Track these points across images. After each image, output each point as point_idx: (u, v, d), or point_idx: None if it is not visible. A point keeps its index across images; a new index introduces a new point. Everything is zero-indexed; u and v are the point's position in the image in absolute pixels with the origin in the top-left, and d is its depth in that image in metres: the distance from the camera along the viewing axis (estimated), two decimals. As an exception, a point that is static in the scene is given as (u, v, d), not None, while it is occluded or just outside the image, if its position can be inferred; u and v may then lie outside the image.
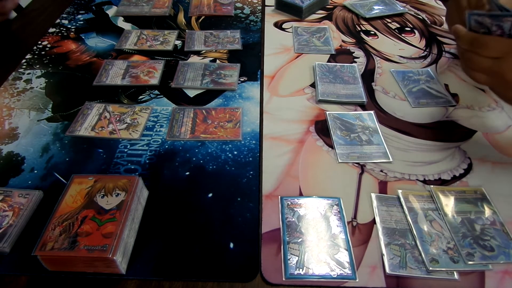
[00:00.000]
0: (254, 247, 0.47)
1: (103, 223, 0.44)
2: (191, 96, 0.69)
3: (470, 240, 0.46)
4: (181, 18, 0.93)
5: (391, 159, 0.57)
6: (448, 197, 0.51)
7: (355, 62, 0.77)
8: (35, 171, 0.55)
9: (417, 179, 0.54)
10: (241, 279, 0.44)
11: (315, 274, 0.44)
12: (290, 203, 0.51)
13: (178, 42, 0.83)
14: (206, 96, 0.69)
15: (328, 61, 0.77)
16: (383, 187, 0.53)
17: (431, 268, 0.44)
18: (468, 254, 0.45)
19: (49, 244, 0.42)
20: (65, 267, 0.44)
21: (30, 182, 0.54)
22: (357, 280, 0.43)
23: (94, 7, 0.97)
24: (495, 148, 0.59)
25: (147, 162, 0.57)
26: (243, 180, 0.54)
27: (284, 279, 0.43)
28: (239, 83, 0.72)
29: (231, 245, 0.47)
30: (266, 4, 0.97)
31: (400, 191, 0.52)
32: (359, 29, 0.87)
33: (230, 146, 0.59)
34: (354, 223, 0.49)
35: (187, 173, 0.55)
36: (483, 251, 0.45)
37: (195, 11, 0.94)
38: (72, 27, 0.88)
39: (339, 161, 0.57)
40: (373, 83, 0.72)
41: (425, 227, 0.48)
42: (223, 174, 0.55)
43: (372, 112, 0.65)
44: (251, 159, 0.57)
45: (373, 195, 0.52)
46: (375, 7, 0.93)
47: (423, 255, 0.45)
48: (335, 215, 0.49)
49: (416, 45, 0.82)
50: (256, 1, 0.99)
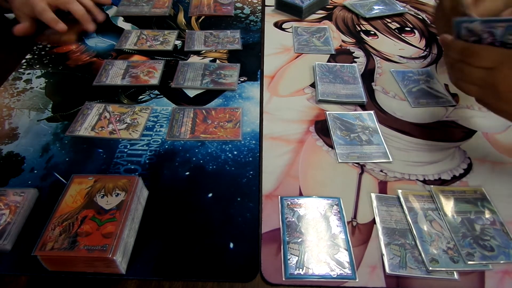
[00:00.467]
0: (254, 247, 0.47)
1: (103, 223, 0.44)
2: (191, 96, 0.69)
3: (470, 240, 0.46)
4: (181, 18, 0.93)
5: (391, 159, 0.57)
6: (448, 197, 0.51)
7: (355, 62, 0.77)
8: (35, 171, 0.55)
9: (417, 179, 0.54)
10: (241, 279, 0.44)
11: (315, 274, 0.44)
12: (290, 203, 0.51)
13: (178, 42, 0.83)
14: (206, 96, 0.69)
15: (328, 61, 0.77)
16: (383, 187, 0.53)
17: (431, 268, 0.44)
18: (468, 254, 0.45)
19: (49, 244, 0.42)
20: (65, 267, 0.44)
21: (30, 182, 0.54)
22: (357, 280, 0.43)
23: (94, 7, 0.97)
24: (495, 148, 0.59)
25: (147, 162, 0.57)
26: (243, 180, 0.54)
27: (284, 279, 0.43)
28: (239, 83, 0.72)
29: (231, 245, 0.47)
30: (266, 4, 0.97)
31: (400, 191, 0.52)
32: (359, 29, 0.87)
33: (230, 146, 0.59)
34: (354, 223, 0.49)
35: (187, 173, 0.55)
36: (483, 251, 0.45)
37: (195, 11, 0.94)
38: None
39: (339, 161, 0.57)
40: (373, 83, 0.72)
41: (425, 227, 0.48)
42: (223, 174, 0.55)
43: (372, 112, 0.65)
44: (251, 159, 0.57)
45: (373, 195, 0.52)
46: (375, 7, 0.93)
47: (423, 255, 0.45)
48: (335, 215, 0.49)
49: (416, 45, 0.82)
50: (256, 1, 0.99)
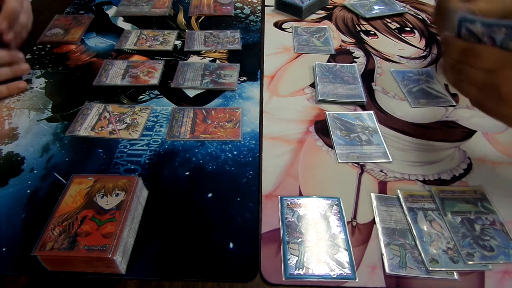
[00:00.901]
0: (253, 247, 0.47)
1: (103, 223, 0.44)
2: (191, 96, 0.69)
3: (470, 240, 0.46)
4: (181, 18, 0.93)
5: (391, 159, 0.57)
6: (448, 197, 0.51)
7: (355, 62, 0.77)
8: (35, 171, 0.55)
9: (417, 179, 0.54)
10: (240, 279, 0.44)
11: (315, 274, 0.44)
12: (289, 203, 0.51)
13: (178, 42, 0.83)
14: (206, 96, 0.69)
15: (328, 61, 0.77)
16: (383, 187, 0.53)
17: (431, 268, 0.44)
18: (468, 254, 0.45)
19: (48, 244, 0.42)
20: (65, 267, 0.44)
21: (30, 182, 0.54)
22: (356, 280, 0.43)
23: (94, 7, 0.97)
24: (495, 148, 0.59)
25: (147, 162, 0.57)
26: (243, 180, 0.54)
27: (283, 279, 0.43)
28: (239, 83, 0.72)
29: (231, 245, 0.47)
30: (266, 4, 0.97)
31: (400, 191, 0.52)
32: (359, 29, 0.87)
33: (230, 146, 0.59)
34: (354, 223, 0.49)
35: (187, 173, 0.55)
36: (483, 251, 0.45)
37: (195, 11, 0.94)
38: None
39: (339, 161, 0.57)
40: (373, 83, 0.72)
41: (425, 227, 0.48)
42: (223, 174, 0.55)
43: (372, 112, 0.65)
44: (251, 159, 0.57)
45: (372, 195, 0.52)
46: (375, 7, 0.93)
47: (423, 255, 0.45)
48: (334, 215, 0.49)
49: (416, 45, 0.82)
50: (256, 1, 0.99)
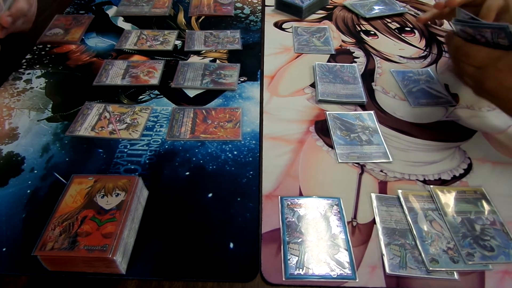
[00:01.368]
0: (254, 247, 0.47)
1: (103, 223, 0.44)
2: (191, 96, 0.69)
3: (470, 240, 0.46)
4: (181, 18, 0.93)
5: (391, 159, 0.57)
6: (448, 197, 0.51)
7: (355, 62, 0.77)
8: (35, 171, 0.55)
9: (417, 179, 0.54)
10: (241, 279, 0.44)
11: (315, 274, 0.44)
12: (290, 203, 0.51)
13: (178, 42, 0.83)
14: (206, 96, 0.69)
15: (328, 61, 0.77)
16: (383, 187, 0.53)
17: (431, 268, 0.44)
18: (468, 254, 0.45)
19: (49, 244, 0.42)
20: (65, 267, 0.44)
21: (30, 182, 0.54)
22: (357, 280, 0.43)
23: (94, 7, 0.97)
24: (495, 148, 0.59)
25: (147, 162, 0.57)
26: (243, 180, 0.54)
27: (284, 279, 0.43)
28: (239, 83, 0.72)
29: (231, 245, 0.47)
30: (266, 4, 0.97)
31: (400, 191, 0.52)
32: (359, 29, 0.87)
33: (230, 146, 0.59)
34: (354, 223, 0.49)
35: (187, 173, 0.55)
36: (483, 251, 0.45)
37: (195, 11, 0.94)
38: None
39: (339, 161, 0.57)
40: (373, 83, 0.72)
41: (425, 227, 0.48)
42: (223, 174, 0.55)
43: (372, 112, 0.65)
44: (251, 159, 0.57)
45: (373, 195, 0.52)
46: (375, 7, 0.93)
47: (423, 255, 0.45)
48: (335, 215, 0.49)
49: (416, 45, 0.82)
50: (256, 1, 0.99)
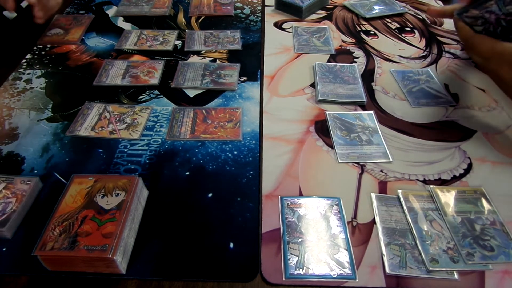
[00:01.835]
0: (254, 247, 0.47)
1: (103, 223, 0.44)
2: (191, 96, 0.69)
3: (470, 240, 0.46)
4: (181, 18, 0.93)
5: (391, 159, 0.57)
6: (448, 197, 0.51)
7: (355, 62, 0.77)
8: (35, 171, 0.55)
9: (417, 179, 0.54)
10: (241, 279, 0.44)
11: (315, 274, 0.44)
12: (290, 203, 0.51)
13: (178, 42, 0.83)
14: (206, 96, 0.69)
15: (328, 61, 0.77)
16: (383, 187, 0.53)
17: (431, 268, 0.44)
18: (468, 254, 0.45)
19: (49, 244, 0.42)
20: (65, 267, 0.44)
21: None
22: (357, 280, 0.43)
23: (94, 7, 0.97)
24: (495, 148, 0.59)
25: (147, 162, 0.57)
26: (243, 180, 0.54)
27: (284, 279, 0.43)
28: (239, 83, 0.72)
29: (231, 245, 0.47)
30: (266, 4, 0.97)
31: (400, 191, 0.52)
32: (359, 29, 0.87)
33: (230, 146, 0.59)
34: (354, 223, 0.49)
35: (187, 173, 0.55)
36: (483, 251, 0.45)
37: (195, 11, 0.94)
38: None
39: (339, 161, 0.57)
40: (373, 83, 0.72)
41: (425, 227, 0.48)
42: (223, 174, 0.55)
43: (372, 112, 0.65)
44: (251, 159, 0.57)
45: (373, 195, 0.52)
46: (375, 7, 0.93)
47: (423, 255, 0.45)
48: (335, 215, 0.49)
49: (416, 45, 0.82)
50: (256, 1, 0.99)
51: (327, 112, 0.65)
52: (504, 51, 0.52)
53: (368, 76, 0.73)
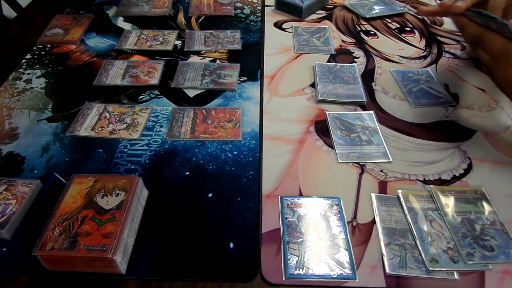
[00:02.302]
0: (254, 247, 0.47)
1: (103, 223, 0.44)
2: (191, 96, 0.69)
3: (470, 240, 0.46)
4: (181, 18, 0.93)
5: (391, 159, 0.57)
6: (448, 197, 0.51)
7: (355, 62, 0.77)
8: (35, 171, 0.55)
9: (417, 179, 0.54)
10: (241, 279, 0.44)
11: (315, 274, 0.44)
12: (290, 203, 0.51)
13: (178, 42, 0.83)
14: (206, 96, 0.69)
15: (328, 61, 0.77)
16: (383, 187, 0.53)
17: (431, 268, 0.44)
18: (468, 254, 0.45)
19: (49, 244, 0.42)
20: (65, 267, 0.44)
21: (30, 182, 0.54)
22: (357, 280, 0.43)
23: (94, 7, 0.97)
24: (495, 148, 0.59)
25: (147, 162, 0.57)
26: (243, 180, 0.54)
27: (284, 279, 0.43)
28: (239, 83, 0.72)
29: (231, 245, 0.47)
30: (266, 4, 0.97)
31: (400, 191, 0.52)
32: (359, 29, 0.87)
33: (230, 146, 0.59)
34: (354, 223, 0.49)
35: (187, 173, 0.55)
36: (483, 251, 0.45)
37: (195, 11, 0.94)
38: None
39: (339, 161, 0.57)
40: (373, 83, 0.72)
41: (425, 227, 0.48)
42: (223, 174, 0.55)
43: (372, 112, 0.65)
44: (251, 159, 0.57)
45: (373, 195, 0.52)
46: (375, 7, 0.93)
47: (423, 255, 0.45)
48: (335, 215, 0.49)
49: (416, 45, 0.82)
50: (256, 1, 0.99)
51: (327, 112, 0.65)
52: None
53: (368, 76, 0.73)
